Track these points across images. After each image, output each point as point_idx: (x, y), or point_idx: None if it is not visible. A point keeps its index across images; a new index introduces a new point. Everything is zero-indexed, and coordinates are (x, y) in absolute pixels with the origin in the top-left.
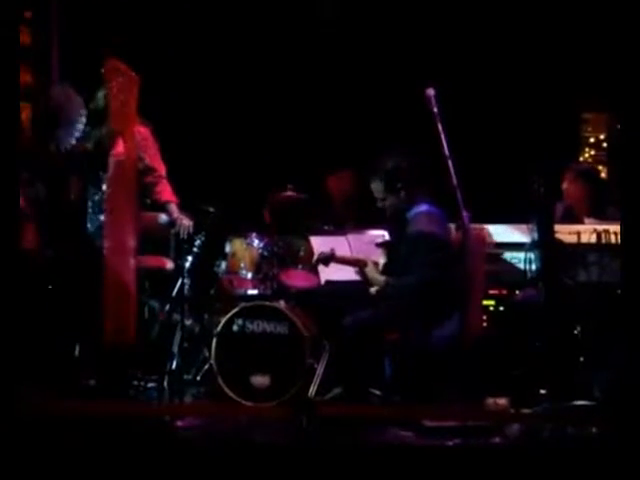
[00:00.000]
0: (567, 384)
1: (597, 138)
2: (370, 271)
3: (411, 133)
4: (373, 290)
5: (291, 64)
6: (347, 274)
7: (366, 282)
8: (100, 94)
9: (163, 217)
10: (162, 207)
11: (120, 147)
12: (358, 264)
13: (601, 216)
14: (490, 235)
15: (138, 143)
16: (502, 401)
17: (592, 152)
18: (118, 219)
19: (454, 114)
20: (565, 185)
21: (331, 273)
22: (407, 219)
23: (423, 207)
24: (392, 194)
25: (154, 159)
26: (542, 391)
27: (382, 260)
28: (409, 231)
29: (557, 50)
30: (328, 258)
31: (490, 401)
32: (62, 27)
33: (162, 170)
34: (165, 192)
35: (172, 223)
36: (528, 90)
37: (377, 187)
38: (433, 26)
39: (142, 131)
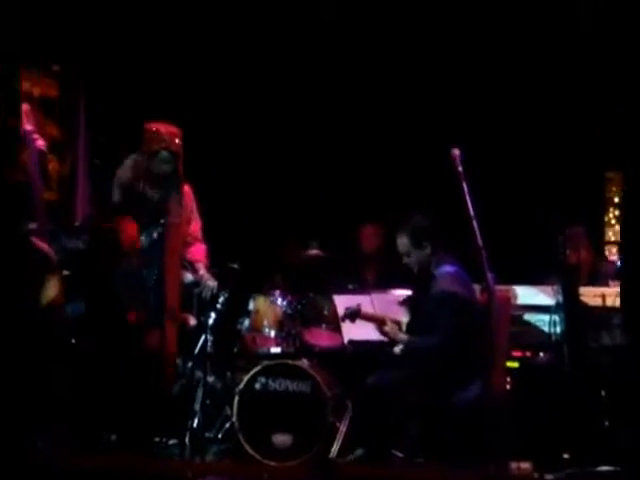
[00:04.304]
0: (591, 448)
1: (622, 197)
2: (391, 329)
3: (436, 193)
4: (397, 349)
5: (317, 120)
6: (370, 334)
7: (389, 340)
8: (160, 156)
9: (188, 276)
10: (189, 263)
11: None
12: (381, 322)
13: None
14: (515, 297)
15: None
16: (525, 465)
17: (616, 212)
18: (172, 281)
19: (479, 174)
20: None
21: (354, 333)
22: (434, 277)
23: (448, 268)
24: (418, 250)
25: (193, 217)
26: (566, 455)
27: (405, 318)
28: (434, 290)
29: (581, 109)
30: (355, 313)
31: (513, 465)
32: (89, 80)
33: (198, 228)
34: (197, 253)
35: (196, 283)
36: (552, 150)
37: (403, 242)
38: (459, 87)
39: (186, 189)
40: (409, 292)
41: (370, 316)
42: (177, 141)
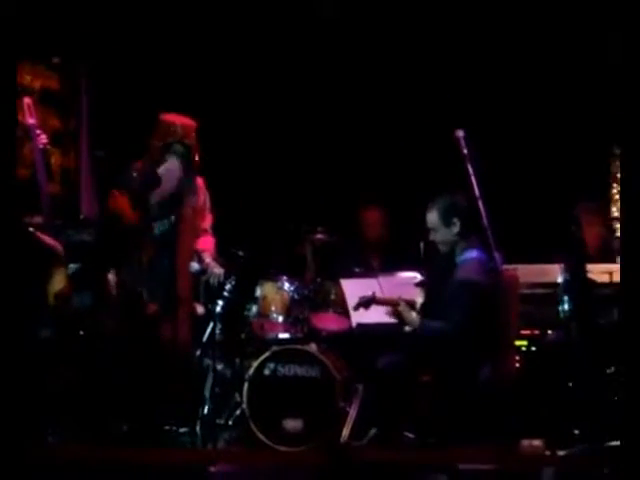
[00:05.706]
0: (601, 424)
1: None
2: (404, 311)
3: (441, 173)
4: (408, 328)
5: (319, 105)
6: (378, 316)
7: (401, 322)
8: (174, 149)
9: (194, 265)
10: (196, 253)
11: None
12: (395, 304)
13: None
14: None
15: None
16: (537, 442)
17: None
18: (184, 270)
19: (483, 153)
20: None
21: (362, 315)
22: (456, 263)
23: (474, 253)
24: (446, 227)
25: (206, 210)
26: (576, 432)
27: (419, 299)
28: (457, 275)
29: (586, 84)
30: (370, 301)
31: (525, 443)
32: (90, 72)
33: (209, 221)
34: (205, 243)
35: (203, 271)
36: (557, 125)
37: (432, 218)
38: (463, 67)
39: (199, 183)
40: (416, 274)
41: (385, 300)
42: (192, 134)
